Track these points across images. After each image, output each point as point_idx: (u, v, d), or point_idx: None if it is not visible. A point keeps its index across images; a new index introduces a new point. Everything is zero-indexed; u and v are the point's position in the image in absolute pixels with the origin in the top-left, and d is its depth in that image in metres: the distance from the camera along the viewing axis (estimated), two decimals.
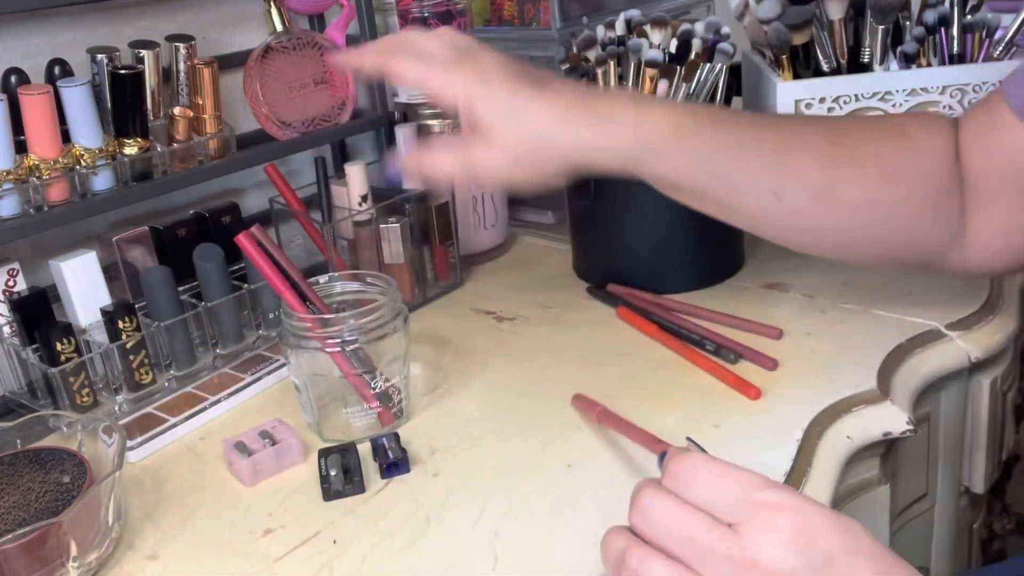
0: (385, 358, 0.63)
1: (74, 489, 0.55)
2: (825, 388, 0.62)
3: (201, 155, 0.78)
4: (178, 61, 0.77)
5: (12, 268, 0.70)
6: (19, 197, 0.68)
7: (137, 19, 0.79)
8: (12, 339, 0.70)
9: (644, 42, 0.77)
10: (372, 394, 0.63)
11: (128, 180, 0.73)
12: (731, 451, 0.57)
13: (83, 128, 0.70)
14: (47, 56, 0.71)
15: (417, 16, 0.87)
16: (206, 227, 0.80)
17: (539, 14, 0.96)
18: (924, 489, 0.76)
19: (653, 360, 0.70)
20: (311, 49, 0.85)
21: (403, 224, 0.82)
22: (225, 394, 0.71)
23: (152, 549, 0.55)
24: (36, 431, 0.65)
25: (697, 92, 0.76)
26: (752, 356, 0.67)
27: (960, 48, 0.77)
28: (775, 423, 0.60)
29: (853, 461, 0.59)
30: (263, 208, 0.90)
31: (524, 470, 0.58)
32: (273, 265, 0.62)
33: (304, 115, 0.85)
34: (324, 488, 0.58)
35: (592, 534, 0.53)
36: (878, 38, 0.77)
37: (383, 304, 0.62)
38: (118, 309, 0.69)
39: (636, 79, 0.77)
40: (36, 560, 0.50)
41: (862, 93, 0.77)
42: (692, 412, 0.62)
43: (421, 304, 0.85)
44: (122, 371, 0.70)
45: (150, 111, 0.75)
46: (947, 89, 0.77)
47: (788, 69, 0.79)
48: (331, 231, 0.80)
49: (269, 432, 0.63)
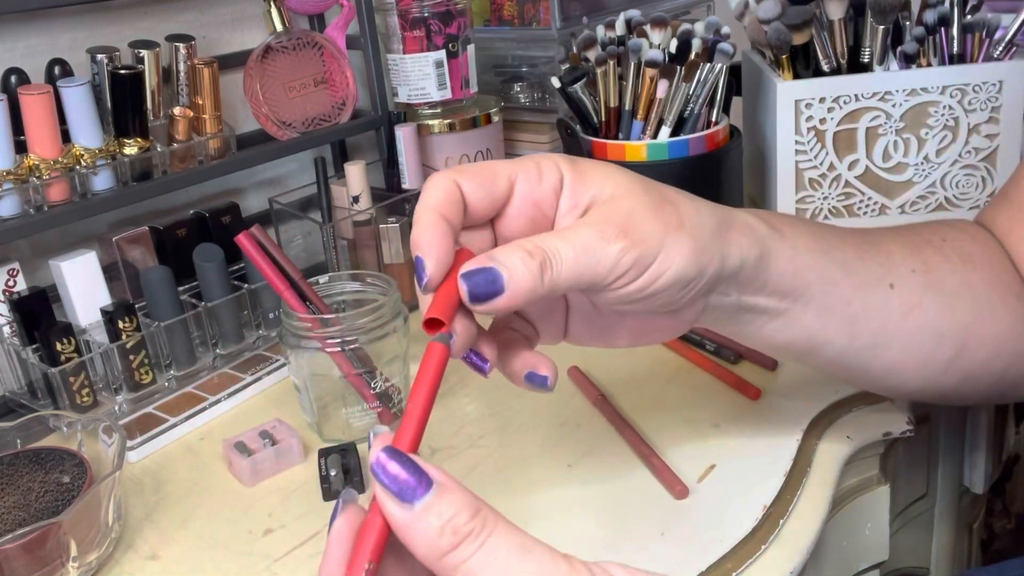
0: (385, 358, 0.63)
1: (74, 489, 0.55)
2: (825, 388, 0.62)
3: (201, 155, 0.78)
4: (178, 61, 0.77)
5: (12, 268, 0.70)
6: (19, 197, 0.68)
7: (137, 19, 0.79)
8: (12, 339, 0.70)
9: (644, 42, 0.77)
10: (372, 394, 0.63)
11: (128, 180, 0.73)
12: (731, 451, 0.57)
13: (83, 128, 0.70)
14: (47, 56, 0.71)
15: (417, 16, 0.87)
16: (206, 227, 0.80)
17: (539, 14, 0.96)
18: (924, 489, 0.76)
19: (653, 360, 0.70)
20: (311, 49, 0.85)
21: (403, 224, 0.82)
22: (225, 394, 0.71)
23: (152, 549, 0.55)
24: (36, 431, 0.65)
25: (697, 92, 0.76)
26: (752, 356, 0.67)
27: (960, 48, 0.77)
28: (775, 423, 0.60)
29: (853, 461, 0.59)
30: (263, 208, 0.90)
31: (524, 470, 0.58)
32: (273, 265, 0.62)
33: (304, 115, 0.85)
34: (324, 488, 0.58)
35: (592, 534, 0.53)
36: (878, 38, 0.77)
37: (383, 304, 0.62)
38: (118, 309, 0.69)
39: (636, 79, 0.77)
40: (36, 560, 0.50)
41: (862, 93, 0.77)
42: (692, 412, 0.62)
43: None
44: (122, 371, 0.70)
45: (150, 111, 0.75)
46: (947, 89, 0.77)
47: (788, 69, 0.79)
48: (331, 231, 0.80)
49: (269, 432, 0.63)
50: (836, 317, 0.48)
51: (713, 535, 0.50)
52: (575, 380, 0.67)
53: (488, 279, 0.37)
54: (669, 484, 0.54)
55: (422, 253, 0.38)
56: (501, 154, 0.95)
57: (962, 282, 0.51)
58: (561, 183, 0.42)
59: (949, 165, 0.80)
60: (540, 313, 0.46)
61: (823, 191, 0.81)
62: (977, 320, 0.51)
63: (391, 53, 0.90)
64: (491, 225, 0.42)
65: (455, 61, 0.89)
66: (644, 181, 0.43)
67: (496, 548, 0.29)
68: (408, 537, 0.29)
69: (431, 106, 0.90)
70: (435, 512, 0.29)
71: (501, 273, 0.37)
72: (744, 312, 0.47)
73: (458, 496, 0.29)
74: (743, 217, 0.46)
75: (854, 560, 0.63)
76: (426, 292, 0.38)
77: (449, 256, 0.38)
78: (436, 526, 0.29)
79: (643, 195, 0.41)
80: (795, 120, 0.78)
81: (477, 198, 0.40)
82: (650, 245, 0.40)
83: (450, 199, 0.39)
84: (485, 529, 0.29)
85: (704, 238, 0.42)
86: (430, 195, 0.40)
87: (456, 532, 0.29)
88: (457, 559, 0.29)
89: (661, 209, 0.41)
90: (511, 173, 0.42)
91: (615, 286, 0.40)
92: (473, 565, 0.29)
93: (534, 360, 0.42)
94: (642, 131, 0.78)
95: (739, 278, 0.44)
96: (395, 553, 0.31)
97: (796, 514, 0.52)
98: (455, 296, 0.37)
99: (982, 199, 0.80)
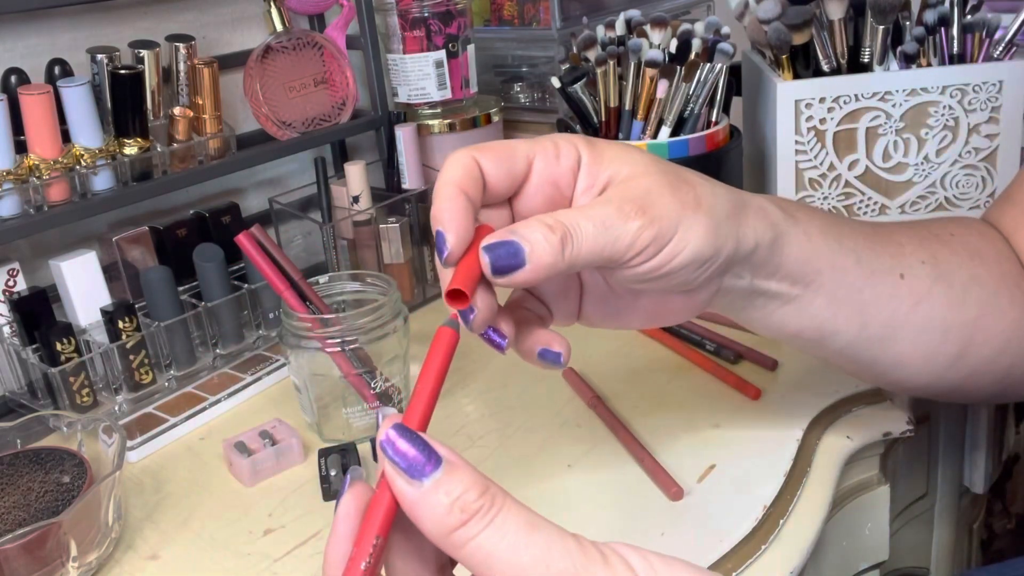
0: (385, 358, 0.63)
1: (74, 489, 0.55)
2: (825, 388, 0.62)
3: (201, 155, 0.78)
4: (178, 61, 0.77)
5: (12, 268, 0.70)
6: (19, 197, 0.68)
7: (137, 19, 0.79)
8: (12, 339, 0.70)
9: (644, 42, 0.77)
10: (372, 394, 0.63)
11: (128, 180, 0.73)
12: (731, 451, 0.57)
13: (83, 128, 0.70)
14: (47, 56, 0.72)
15: (417, 16, 0.87)
16: (206, 227, 0.80)
17: (539, 14, 0.96)
18: (924, 489, 0.76)
19: (653, 360, 0.70)
20: (311, 49, 0.85)
21: (403, 224, 0.82)
22: (225, 394, 0.71)
23: (152, 549, 0.55)
24: (36, 431, 0.65)
25: (697, 92, 0.76)
26: (752, 356, 0.67)
27: (960, 48, 0.77)
28: (775, 423, 0.60)
29: (853, 461, 0.59)
30: (263, 208, 0.90)
31: (524, 470, 0.58)
32: (273, 265, 0.62)
33: (304, 115, 0.85)
34: (324, 488, 0.58)
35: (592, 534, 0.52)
36: (878, 38, 0.77)
37: (383, 304, 0.62)
38: (118, 309, 0.69)
39: (636, 79, 0.77)
40: (36, 560, 0.50)
41: (862, 93, 0.77)
42: (692, 412, 0.62)
43: (421, 304, 0.85)
44: (122, 371, 0.70)
45: (150, 111, 0.75)
46: (947, 89, 0.77)
47: (788, 69, 0.79)
48: (331, 231, 0.80)
49: (269, 432, 0.63)
50: (846, 305, 0.48)
51: (713, 535, 0.50)
52: (570, 382, 0.66)
53: (510, 251, 0.37)
54: (664, 486, 0.54)
55: (443, 227, 0.38)
56: None
57: (970, 276, 0.51)
58: (579, 163, 0.42)
59: (949, 165, 0.80)
60: (554, 293, 0.46)
61: (823, 191, 0.81)
62: (984, 315, 0.51)
63: (391, 53, 0.90)
64: (509, 204, 0.43)
65: (455, 61, 0.89)
66: (661, 161, 0.43)
67: (505, 525, 0.29)
68: (417, 514, 0.29)
69: (431, 106, 0.90)
70: (444, 489, 0.29)
71: (523, 246, 0.37)
72: (756, 296, 0.47)
73: (467, 474, 0.29)
74: (758, 201, 0.46)
75: (854, 560, 0.63)
76: (447, 265, 0.38)
77: (470, 230, 0.38)
78: (445, 503, 0.29)
79: (660, 175, 0.41)
80: (795, 120, 0.78)
81: (496, 176, 0.41)
82: (668, 223, 0.40)
83: (470, 175, 0.40)
84: (494, 507, 0.29)
85: (720, 218, 0.42)
86: (450, 171, 0.40)
87: (465, 509, 0.29)
88: (466, 536, 0.29)
89: (679, 189, 0.41)
90: (529, 152, 0.42)
91: (633, 263, 0.40)
92: (482, 542, 0.29)
93: (547, 337, 0.42)
94: (642, 131, 0.78)
95: (753, 260, 0.45)
96: (403, 530, 0.31)
97: (796, 514, 0.52)
98: (476, 270, 0.38)
99: (982, 199, 0.80)
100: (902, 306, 0.49)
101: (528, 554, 0.28)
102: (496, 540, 0.29)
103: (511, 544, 0.29)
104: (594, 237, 0.39)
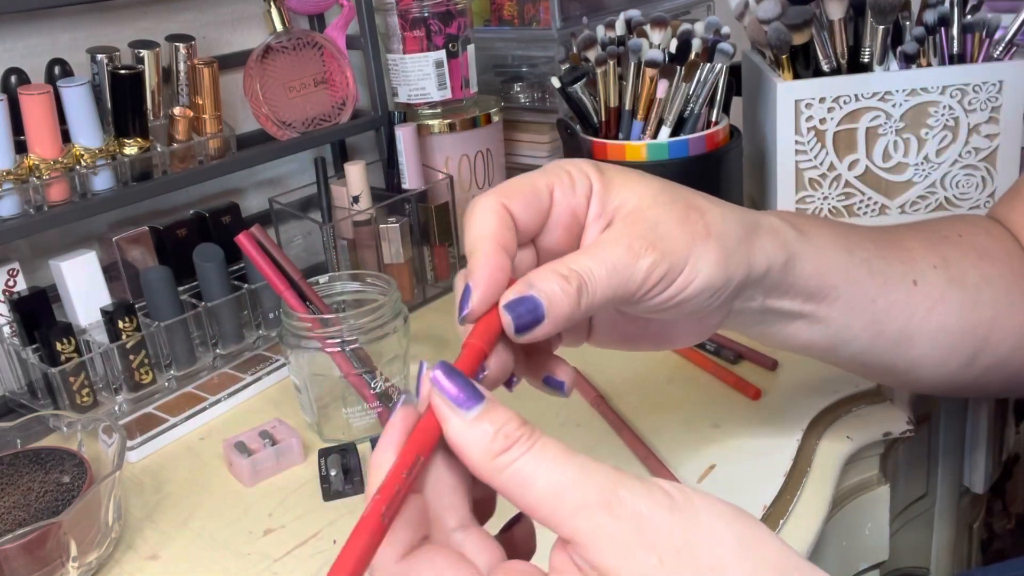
0: (385, 358, 0.63)
1: (74, 489, 0.55)
2: (825, 388, 0.62)
3: (201, 155, 0.78)
4: (178, 61, 0.77)
5: (12, 268, 0.70)
6: (19, 197, 0.68)
7: (137, 19, 0.79)
8: (12, 339, 0.70)
9: (644, 42, 0.77)
10: (372, 394, 0.63)
11: (128, 180, 0.73)
12: (731, 451, 0.57)
13: (83, 128, 0.70)
14: (47, 56, 0.72)
15: (417, 16, 0.87)
16: (206, 227, 0.80)
17: (539, 14, 0.96)
18: (924, 489, 0.76)
19: (653, 360, 0.70)
20: (311, 49, 0.85)
21: (403, 224, 0.82)
22: (225, 394, 0.71)
23: (152, 549, 0.55)
24: (36, 431, 0.65)
25: (697, 92, 0.76)
26: (752, 356, 0.67)
27: (960, 48, 0.77)
28: (775, 423, 0.60)
29: (853, 461, 0.59)
30: (263, 208, 0.90)
31: None
32: (273, 265, 0.62)
33: (304, 115, 0.85)
34: (324, 488, 0.58)
35: None
36: (878, 38, 0.77)
37: (383, 304, 0.62)
38: (118, 309, 0.69)
39: (636, 79, 0.77)
40: (36, 560, 0.50)
41: (862, 93, 0.77)
42: (692, 412, 0.62)
43: (421, 304, 0.85)
44: (122, 371, 0.70)
45: (150, 111, 0.75)
46: (947, 89, 0.77)
47: (788, 69, 0.79)
48: (331, 231, 0.80)
49: (269, 432, 0.63)
50: (861, 316, 0.48)
51: None
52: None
53: (530, 308, 0.37)
54: None
55: (474, 284, 0.37)
56: (501, 154, 0.95)
57: (982, 277, 0.51)
58: (591, 190, 0.42)
59: (949, 165, 0.80)
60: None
61: (823, 191, 0.81)
62: (999, 313, 0.51)
63: (391, 53, 0.90)
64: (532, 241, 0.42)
65: (455, 61, 0.89)
66: (669, 187, 0.43)
67: (544, 452, 0.31)
68: (463, 440, 0.31)
69: (431, 106, 0.90)
70: (488, 419, 0.31)
71: (541, 300, 0.37)
72: (768, 315, 0.47)
73: (507, 409, 0.32)
74: (769, 221, 0.46)
75: (854, 560, 0.63)
76: (464, 323, 0.38)
77: (501, 291, 0.37)
78: (490, 431, 0.31)
79: (669, 204, 0.41)
80: (795, 120, 0.78)
81: (525, 219, 0.40)
82: (678, 256, 0.40)
83: (505, 225, 0.39)
84: (533, 435, 0.31)
85: (731, 245, 0.42)
86: (485, 224, 0.38)
87: (508, 437, 0.31)
88: (508, 459, 0.31)
89: (687, 218, 0.41)
90: (548, 185, 0.41)
91: (646, 298, 0.40)
92: (522, 465, 0.31)
93: (553, 364, 0.42)
94: (642, 131, 0.78)
95: (765, 283, 0.45)
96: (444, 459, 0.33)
97: (796, 514, 0.52)
98: (495, 325, 0.37)
99: (982, 199, 0.80)
100: (917, 312, 0.49)
101: (566, 475, 0.30)
102: (535, 464, 0.31)
103: (550, 467, 0.31)
104: (607, 281, 0.38)
